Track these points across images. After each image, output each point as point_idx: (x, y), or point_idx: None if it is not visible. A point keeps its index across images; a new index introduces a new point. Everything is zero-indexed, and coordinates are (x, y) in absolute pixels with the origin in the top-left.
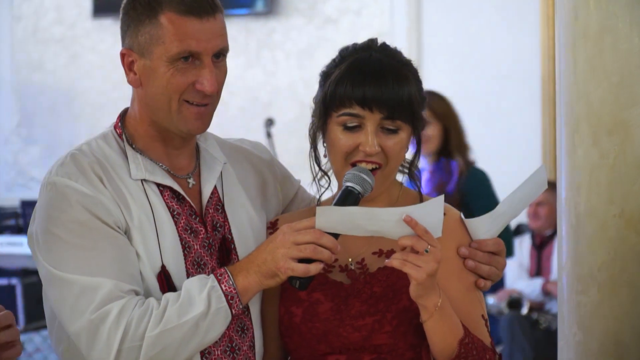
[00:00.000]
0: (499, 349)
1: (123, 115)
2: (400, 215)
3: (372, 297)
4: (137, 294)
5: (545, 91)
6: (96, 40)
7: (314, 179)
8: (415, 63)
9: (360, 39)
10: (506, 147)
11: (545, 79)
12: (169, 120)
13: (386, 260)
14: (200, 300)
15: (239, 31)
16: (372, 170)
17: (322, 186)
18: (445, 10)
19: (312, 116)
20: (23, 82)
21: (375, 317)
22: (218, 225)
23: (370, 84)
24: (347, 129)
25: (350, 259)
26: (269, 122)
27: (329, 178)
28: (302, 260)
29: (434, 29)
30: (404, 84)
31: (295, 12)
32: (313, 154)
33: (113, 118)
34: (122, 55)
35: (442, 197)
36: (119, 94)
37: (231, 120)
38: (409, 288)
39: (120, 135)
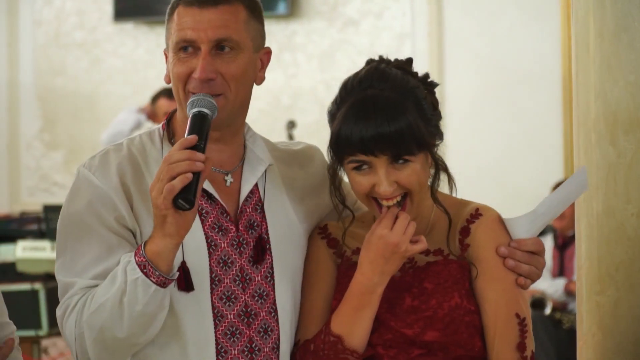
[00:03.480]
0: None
1: (173, 113)
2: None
3: (423, 294)
4: None
5: (565, 91)
6: (117, 44)
7: (339, 217)
8: (435, 65)
9: (381, 41)
10: (527, 147)
11: (565, 79)
12: (183, 113)
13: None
14: (119, 276)
15: None
16: (399, 203)
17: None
18: (466, 12)
19: (328, 152)
20: (45, 87)
21: (426, 313)
22: (255, 224)
23: (367, 131)
24: (361, 170)
25: None
26: (291, 125)
27: (353, 213)
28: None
29: (455, 30)
30: (401, 118)
31: (316, 15)
32: (334, 192)
33: None
34: (165, 57)
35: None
36: (141, 97)
37: (252, 123)
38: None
39: (163, 132)
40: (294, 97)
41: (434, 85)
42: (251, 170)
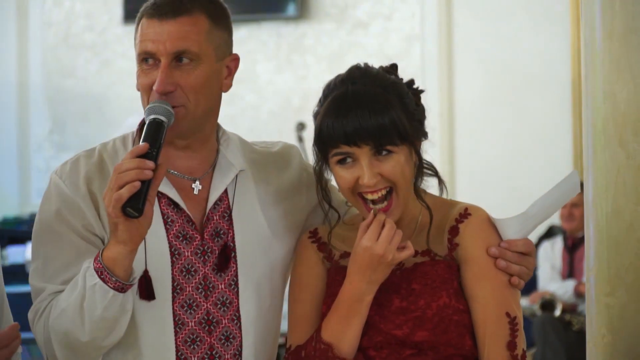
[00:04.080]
0: (532, 351)
1: None
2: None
3: (411, 295)
4: None
5: (575, 93)
6: (127, 46)
7: (325, 218)
8: (444, 67)
9: (390, 43)
10: (537, 149)
11: (575, 82)
12: None
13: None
14: (79, 282)
15: (270, 36)
16: (386, 202)
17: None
18: (475, 14)
19: (313, 151)
20: (54, 88)
21: (415, 313)
22: (221, 232)
23: (349, 121)
24: (345, 164)
25: None
26: (301, 126)
27: (339, 214)
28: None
29: (465, 32)
30: (384, 111)
31: (326, 17)
32: (322, 193)
33: None
34: None
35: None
36: None
37: (263, 125)
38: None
39: (135, 138)
40: (303, 98)
41: (419, 91)
42: (221, 177)
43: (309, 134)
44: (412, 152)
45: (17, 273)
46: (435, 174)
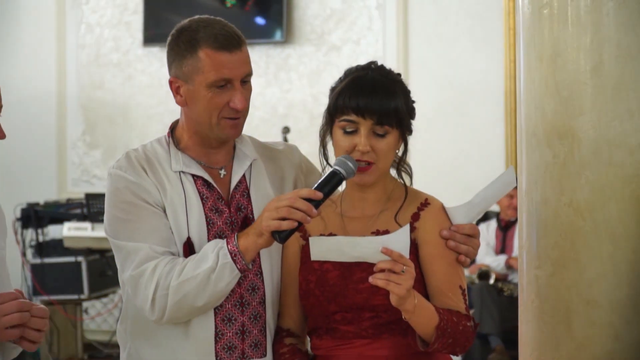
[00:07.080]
0: (471, 312)
1: (175, 124)
2: (378, 244)
3: (370, 267)
4: (171, 254)
5: (507, 104)
6: (146, 64)
7: (322, 170)
8: (404, 80)
9: (359, 62)
10: (477, 149)
11: (507, 95)
12: (210, 131)
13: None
14: (211, 258)
15: (261, 57)
16: (367, 165)
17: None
18: (427, 40)
19: (323, 117)
20: (87, 98)
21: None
22: (242, 207)
23: (364, 97)
24: (346, 133)
25: None
26: (285, 130)
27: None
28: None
29: (418, 55)
30: (391, 97)
31: (306, 41)
32: (322, 150)
33: (159, 127)
34: (170, 83)
35: (407, 225)
36: (164, 107)
37: (255, 129)
38: (390, 298)
39: (169, 139)
40: (288, 107)
41: (413, 101)
42: (239, 165)
43: (292, 136)
44: (400, 141)
45: (56, 247)
46: (410, 174)
